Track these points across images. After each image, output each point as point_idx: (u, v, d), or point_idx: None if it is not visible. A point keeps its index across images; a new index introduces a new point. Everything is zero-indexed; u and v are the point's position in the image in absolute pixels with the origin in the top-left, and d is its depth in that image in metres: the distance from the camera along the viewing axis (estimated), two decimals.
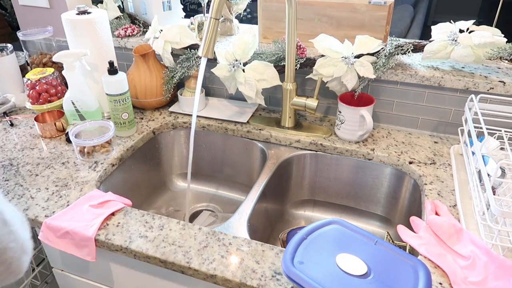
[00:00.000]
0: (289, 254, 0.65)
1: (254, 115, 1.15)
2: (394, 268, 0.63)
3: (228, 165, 1.18)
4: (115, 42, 1.25)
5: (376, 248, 0.67)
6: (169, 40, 1.11)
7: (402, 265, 0.64)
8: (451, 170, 0.92)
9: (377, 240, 0.69)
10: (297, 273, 0.61)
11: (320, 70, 1.02)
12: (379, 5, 1.04)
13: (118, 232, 0.76)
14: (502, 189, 0.78)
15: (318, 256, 0.65)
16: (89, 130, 1.01)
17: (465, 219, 0.76)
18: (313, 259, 0.65)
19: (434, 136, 1.05)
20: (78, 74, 1.03)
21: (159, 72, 1.15)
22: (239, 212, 0.85)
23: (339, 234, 0.70)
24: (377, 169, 1.01)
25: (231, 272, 0.67)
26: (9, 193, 0.86)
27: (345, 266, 0.63)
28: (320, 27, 1.12)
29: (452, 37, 0.96)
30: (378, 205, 1.07)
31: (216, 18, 0.87)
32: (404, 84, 1.03)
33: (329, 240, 0.69)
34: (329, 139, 1.04)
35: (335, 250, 0.67)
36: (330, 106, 1.15)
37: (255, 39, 1.04)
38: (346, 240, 0.69)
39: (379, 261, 0.65)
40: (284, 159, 1.03)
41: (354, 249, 0.67)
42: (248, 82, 1.04)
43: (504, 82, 0.94)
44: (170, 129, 1.16)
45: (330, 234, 0.70)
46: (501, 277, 0.63)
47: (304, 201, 1.14)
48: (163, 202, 1.17)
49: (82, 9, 1.04)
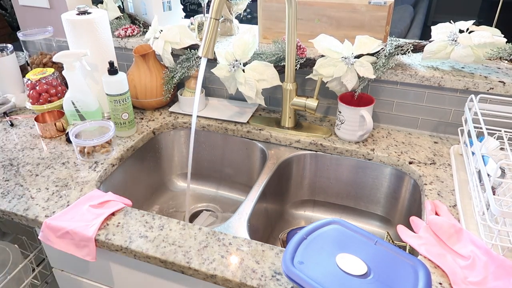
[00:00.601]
0: (289, 254, 0.65)
1: (254, 115, 1.15)
2: (394, 268, 0.63)
3: (228, 165, 1.18)
4: (115, 42, 1.25)
5: (376, 248, 0.67)
6: (169, 40, 1.11)
7: (402, 265, 0.64)
8: (451, 170, 0.92)
9: (377, 240, 0.69)
10: (297, 273, 0.61)
11: (320, 70, 1.02)
12: (379, 5, 1.04)
13: (118, 232, 0.76)
14: (502, 189, 0.78)
15: (318, 256, 0.65)
16: (89, 130, 1.01)
17: (465, 219, 0.76)
18: (313, 259, 0.65)
19: (434, 136, 1.05)
20: (78, 74, 1.03)
21: (159, 72, 1.15)
22: (239, 212, 0.85)
23: (339, 234, 0.70)
24: (377, 169, 1.01)
25: (231, 272, 0.67)
26: (9, 193, 0.86)
27: (345, 266, 0.63)
28: (320, 27, 1.12)
29: (452, 37, 0.96)
30: (378, 205, 1.07)
31: (216, 18, 0.87)
32: (404, 84, 1.03)
33: (329, 240, 0.69)
34: (329, 139, 1.04)
35: (335, 250, 0.66)
36: (330, 106, 1.15)
37: (255, 39, 1.04)
38: (346, 240, 0.69)
39: (379, 261, 0.65)
40: (284, 159, 1.03)
41: (354, 249, 0.67)
42: (248, 82, 1.04)
43: (504, 82, 0.94)
44: (170, 129, 1.16)
45: (330, 234, 0.70)
46: (501, 277, 0.63)
47: (304, 201, 1.14)
48: (163, 202, 1.17)
49: (82, 9, 1.04)
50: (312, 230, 0.70)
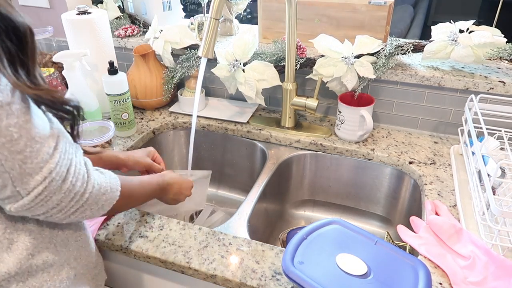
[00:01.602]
0: (289, 254, 0.65)
1: (254, 115, 1.15)
2: (394, 268, 0.63)
3: (228, 165, 1.18)
4: (115, 42, 1.25)
5: (376, 248, 0.67)
6: (169, 40, 1.11)
7: (402, 265, 0.64)
8: (451, 170, 0.92)
9: (377, 240, 0.68)
10: (297, 273, 0.61)
11: (320, 70, 1.02)
12: (379, 5, 1.04)
13: (118, 232, 0.76)
14: (502, 189, 0.78)
15: (318, 256, 0.65)
16: (89, 130, 1.00)
17: (465, 219, 0.76)
18: (313, 259, 0.64)
19: (434, 136, 1.05)
20: (78, 74, 1.03)
21: (159, 72, 1.15)
22: (239, 212, 0.85)
23: (339, 234, 0.70)
24: (377, 169, 1.01)
25: (231, 272, 0.67)
26: None
27: (345, 266, 0.63)
28: (320, 27, 1.12)
29: (452, 37, 0.96)
30: (378, 205, 1.07)
31: (216, 18, 0.87)
32: (404, 84, 1.03)
33: (329, 240, 0.69)
34: (329, 139, 1.04)
35: (335, 250, 0.66)
36: (330, 106, 1.15)
37: (255, 39, 1.04)
38: (346, 240, 0.69)
39: (379, 261, 0.65)
40: (284, 159, 1.03)
41: (354, 249, 0.67)
42: (248, 82, 1.04)
43: (504, 82, 0.94)
44: (170, 129, 1.16)
45: (330, 234, 0.70)
46: (501, 277, 0.63)
47: (304, 201, 1.14)
48: None
49: (82, 9, 1.04)
50: (312, 230, 0.70)
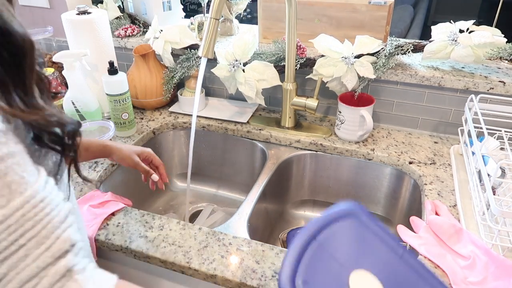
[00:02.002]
0: (288, 267, 0.44)
1: (254, 115, 1.15)
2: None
3: (228, 165, 1.18)
4: (115, 42, 1.25)
5: (400, 264, 0.50)
6: (169, 40, 1.11)
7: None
8: (451, 170, 0.92)
9: (403, 252, 0.50)
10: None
11: (320, 70, 1.02)
12: (379, 5, 1.04)
13: (118, 232, 0.76)
14: (502, 189, 0.78)
15: (328, 272, 0.48)
16: (89, 130, 1.01)
17: (465, 219, 0.76)
18: (320, 278, 0.47)
19: (434, 136, 1.05)
20: (78, 74, 1.03)
21: (159, 72, 1.15)
22: (239, 212, 0.85)
23: (357, 237, 0.51)
24: (377, 169, 1.01)
25: (231, 272, 0.67)
26: None
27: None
28: (320, 27, 1.12)
29: (452, 37, 0.96)
30: (378, 205, 1.07)
31: (216, 18, 0.87)
32: (404, 84, 1.03)
33: (344, 246, 0.50)
34: (329, 139, 1.04)
35: (349, 263, 0.49)
36: (330, 106, 1.15)
37: (255, 39, 1.04)
38: (364, 247, 0.51)
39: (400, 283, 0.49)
40: (284, 159, 1.03)
41: (373, 262, 0.50)
42: (248, 82, 1.04)
43: (504, 82, 0.94)
44: (170, 129, 1.16)
45: (345, 235, 0.51)
46: (501, 277, 0.63)
47: (304, 201, 1.14)
48: (163, 202, 1.17)
49: (82, 9, 1.04)
50: (324, 226, 0.50)
